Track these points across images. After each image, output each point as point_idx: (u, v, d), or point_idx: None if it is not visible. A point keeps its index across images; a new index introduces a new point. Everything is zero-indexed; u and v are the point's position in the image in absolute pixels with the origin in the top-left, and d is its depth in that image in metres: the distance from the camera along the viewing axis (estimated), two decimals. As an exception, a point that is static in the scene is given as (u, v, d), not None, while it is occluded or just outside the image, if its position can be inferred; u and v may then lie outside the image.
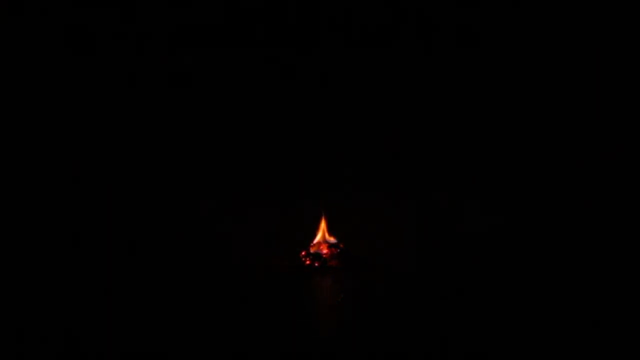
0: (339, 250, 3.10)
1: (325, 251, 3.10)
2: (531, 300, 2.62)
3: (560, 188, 3.47)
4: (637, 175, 3.39)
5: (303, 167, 3.55)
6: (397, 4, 3.48)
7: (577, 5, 3.44)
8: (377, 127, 3.57)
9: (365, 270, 3.04)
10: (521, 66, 3.53)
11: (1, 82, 3.39)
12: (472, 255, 3.14)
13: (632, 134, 3.46)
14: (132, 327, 2.44)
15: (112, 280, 2.90)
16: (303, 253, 3.11)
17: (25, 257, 3.05)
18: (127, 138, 3.50)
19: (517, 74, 3.53)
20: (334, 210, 3.21)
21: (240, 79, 3.55)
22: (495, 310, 2.55)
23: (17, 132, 3.38)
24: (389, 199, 3.51)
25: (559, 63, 3.50)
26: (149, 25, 3.41)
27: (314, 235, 3.15)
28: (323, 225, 3.15)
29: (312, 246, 3.13)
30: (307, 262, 3.08)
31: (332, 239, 3.14)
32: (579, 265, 2.97)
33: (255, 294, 2.78)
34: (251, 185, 3.52)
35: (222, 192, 3.49)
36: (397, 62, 3.53)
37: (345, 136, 3.57)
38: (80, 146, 3.47)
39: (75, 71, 3.42)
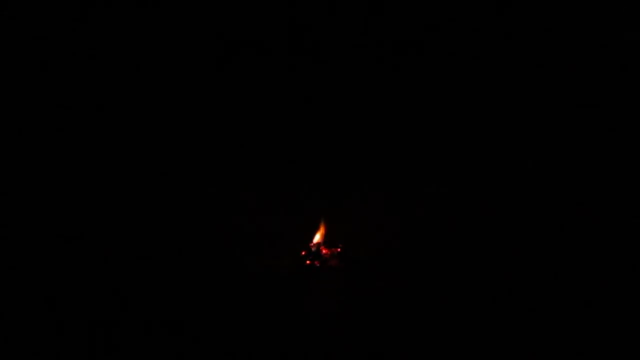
0: (338, 250, 3.11)
1: (325, 251, 3.11)
2: (529, 301, 2.62)
3: (557, 187, 3.47)
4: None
5: (303, 167, 3.55)
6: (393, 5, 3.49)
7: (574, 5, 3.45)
8: (376, 127, 3.57)
9: (364, 270, 3.05)
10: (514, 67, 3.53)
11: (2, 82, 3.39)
12: (471, 255, 3.14)
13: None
14: (133, 326, 2.45)
15: (113, 281, 2.90)
16: (303, 253, 3.12)
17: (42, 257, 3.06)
18: (126, 137, 3.50)
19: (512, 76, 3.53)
20: (333, 212, 3.21)
21: (242, 79, 3.55)
22: (495, 310, 2.56)
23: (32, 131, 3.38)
24: (388, 199, 3.51)
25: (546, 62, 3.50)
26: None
27: (314, 236, 3.16)
28: (322, 227, 3.16)
29: (312, 246, 3.13)
30: (307, 262, 3.09)
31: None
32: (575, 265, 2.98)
33: (255, 294, 2.78)
34: (252, 185, 3.52)
35: (222, 193, 3.49)
36: (394, 64, 3.53)
37: (345, 137, 3.57)
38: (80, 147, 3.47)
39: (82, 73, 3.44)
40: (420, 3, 3.49)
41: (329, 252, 3.11)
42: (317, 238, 3.16)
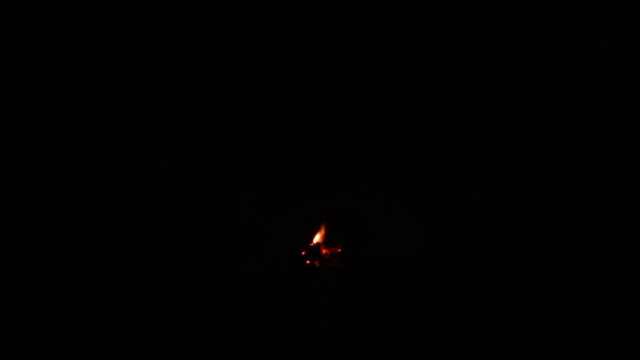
0: (338, 250, 3.11)
1: (325, 251, 3.11)
2: (529, 301, 2.62)
3: (555, 188, 3.47)
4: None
5: (303, 167, 3.55)
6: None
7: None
8: (376, 127, 3.57)
9: (364, 270, 3.05)
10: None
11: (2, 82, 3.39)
12: (471, 255, 3.14)
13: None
14: (132, 326, 2.45)
15: (112, 281, 2.90)
16: (303, 253, 3.12)
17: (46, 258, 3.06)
18: (126, 137, 3.50)
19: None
20: (333, 212, 3.21)
21: (242, 78, 3.55)
22: (494, 310, 2.56)
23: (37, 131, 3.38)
24: (388, 199, 3.51)
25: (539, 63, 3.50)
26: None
27: (314, 236, 3.16)
28: (322, 227, 3.17)
29: (312, 246, 3.14)
30: (307, 262, 3.09)
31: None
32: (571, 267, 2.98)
33: (255, 294, 2.78)
34: (251, 185, 3.51)
35: (222, 193, 3.49)
36: (393, 64, 3.53)
37: (345, 137, 3.57)
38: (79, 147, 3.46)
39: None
40: (420, 3, 3.49)
41: (329, 252, 3.11)
42: (317, 238, 3.16)
